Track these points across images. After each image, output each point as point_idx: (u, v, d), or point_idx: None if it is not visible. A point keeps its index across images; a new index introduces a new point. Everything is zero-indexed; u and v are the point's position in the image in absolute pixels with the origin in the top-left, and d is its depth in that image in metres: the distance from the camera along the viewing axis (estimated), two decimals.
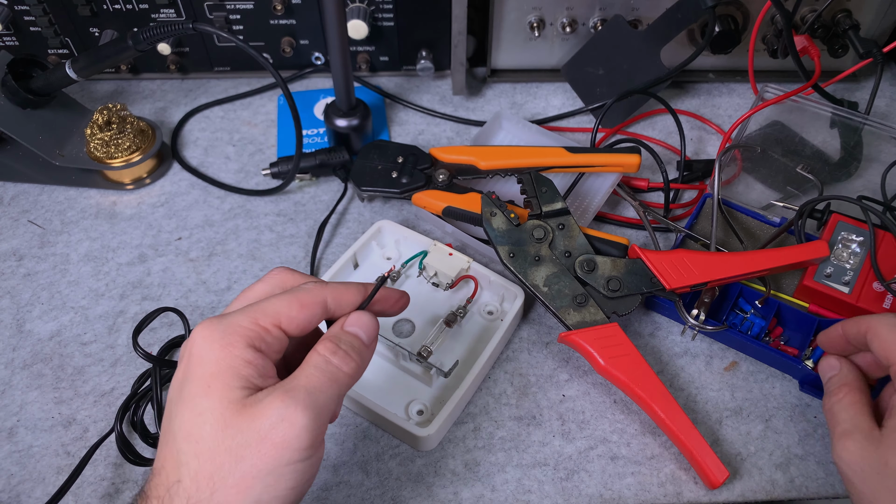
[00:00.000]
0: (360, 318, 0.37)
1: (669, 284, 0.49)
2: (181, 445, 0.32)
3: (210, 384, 0.32)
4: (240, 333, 0.33)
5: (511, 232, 0.52)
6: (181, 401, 0.33)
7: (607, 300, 0.49)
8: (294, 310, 0.35)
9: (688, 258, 0.49)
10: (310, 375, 0.33)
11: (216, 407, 0.32)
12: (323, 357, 0.34)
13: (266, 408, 0.31)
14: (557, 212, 0.53)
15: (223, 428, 0.31)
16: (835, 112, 0.62)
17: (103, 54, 0.57)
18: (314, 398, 0.32)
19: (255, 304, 0.35)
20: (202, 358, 0.33)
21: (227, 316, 0.34)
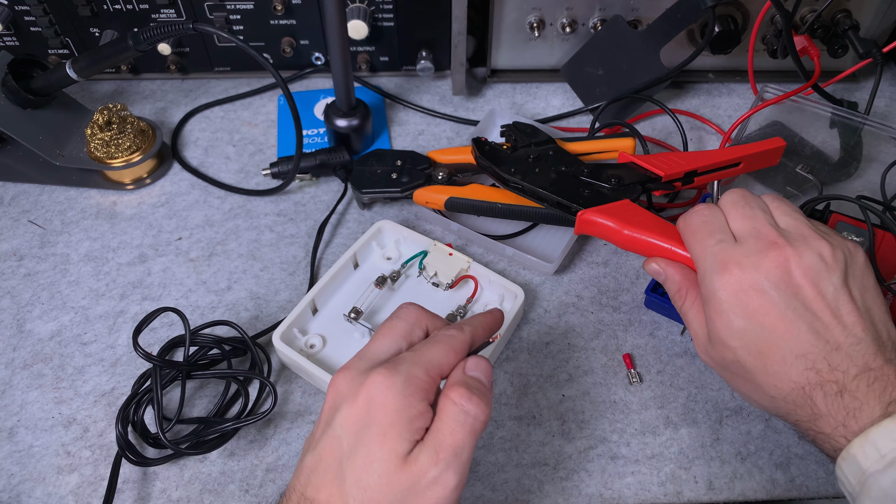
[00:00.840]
0: (478, 364, 0.38)
1: (664, 173, 0.52)
2: (350, 489, 0.34)
3: (386, 433, 0.34)
4: (418, 386, 0.35)
5: (507, 157, 0.55)
6: (359, 445, 0.34)
7: (613, 191, 0.51)
8: (451, 358, 0.37)
9: (672, 155, 0.54)
10: (453, 432, 0.35)
11: (385, 458, 0.34)
12: (459, 407, 0.35)
13: (422, 468, 0.34)
14: (545, 141, 0.56)
15: (388, 483, 0.33)
16: (834, 112, 0.62)
17: (104, 54, 0.57)
18: (459, 456, 0.35)
19: (419, 353, 0.37)
20: (385, 406, 0.34)
21: (402, 365, 0.36)
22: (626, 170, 0.53)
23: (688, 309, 0.43)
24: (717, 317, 0.39)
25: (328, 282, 0.53)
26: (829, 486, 0.46)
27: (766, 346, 0.38)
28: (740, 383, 0.41)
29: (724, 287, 0.39)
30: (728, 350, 0.39)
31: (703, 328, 0.42)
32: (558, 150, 0.56)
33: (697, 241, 0.42)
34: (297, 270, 0.58)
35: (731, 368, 0.40)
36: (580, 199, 0.51)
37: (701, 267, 0.41)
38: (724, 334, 0.39)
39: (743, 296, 0.39)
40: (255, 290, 0.57)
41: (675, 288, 0.44)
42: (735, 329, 0.39)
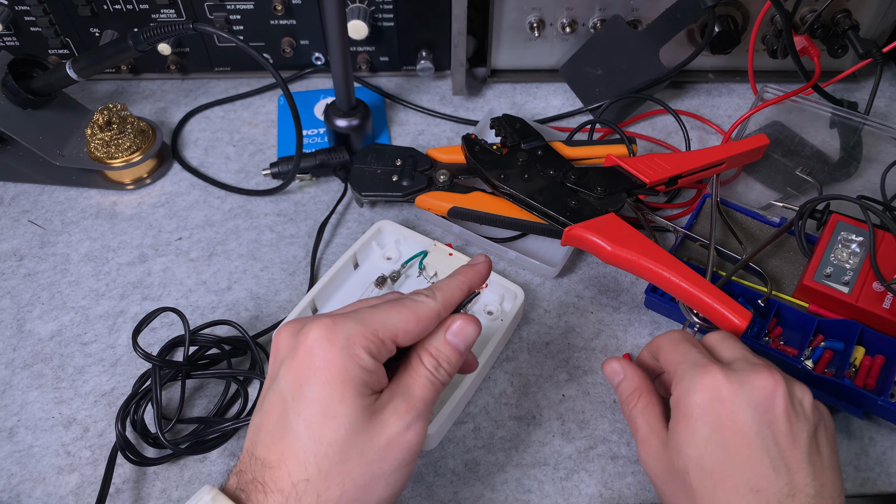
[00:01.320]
0: (461, 329, 0.38)
1: (648, 179, 0.53)
2: (308, 444, 0.33)
3: (343, 392, 0.34)
4: (362, 345, 0.35)
5: (496, 160, 0.56)
6: (303, 400, 0.34)
7: (598, 200, 0.53)
8: (411, 325, 0.36)
9: (658, 158, 0.54)
10: (423, 388, 0.36)
11: (351, 413, 0.34)
12: (429, 371, 0.37)
13: (391, 416, 0.35)
14: (534, 139, 0.57)
15: (357, 433, 0.34)
16: (834, 112, 0.62)
17: (104, 54, 0.57)
18: (428, 408, 0.36)
19: (372, 312, 0.36)
20: (327, 361, 0.34)
21: (344, 321, 0.35)
22: (612, 176, 0.54)
23: (637, 413, 0.42)
24: (684, 419, 0.38)
25: (328, 282, 0.53)
26: None
27: (722, 469, 0.36)
28: (676, 500, 0.39)
29: (702, 390, 0.37)
30: (680, 459, 0.37)
31: (654, 433, 0.40)
32: (548, 151, 0.57)
33: (678, 349, 0.41)
34: (297, 270, 0.58)
35: (674, 481, 0.38)
36: (567, 212, 0.52)
37: (680, 368, 0.39)
38: (683, 439, 0.37)
39: (717, 405, 0.37)
40: (255, 290, 0.57)
41: (630, 388, 0.43)
42: (697, 437, 0.37)
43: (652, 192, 0.55)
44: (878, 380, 0.48)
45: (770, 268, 0.55)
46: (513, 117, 0.59)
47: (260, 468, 0.34)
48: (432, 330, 0.38)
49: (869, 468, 0.47)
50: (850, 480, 0.46)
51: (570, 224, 0.51)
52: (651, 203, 0.62)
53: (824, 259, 0.51)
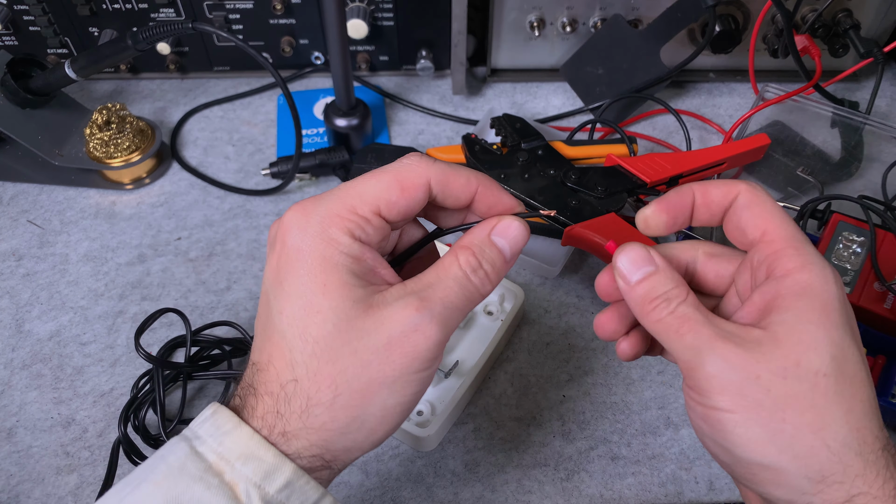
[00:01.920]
0: (510, 228, 0.32)
1: (649, 179, 0.53)
2: (294, 343, 0.29)
3: (325, 282, 0.29)
4: (339, 225, 0.30)
5: (497, 160, 0.56)
6: (285, 294, 0.30)
7: (599, 200, 0.52)
8: (394, 193, 0.31)
9: (658, 158, 0.54)
10: (448, 289, 0.30)
11: (338, 306, 0.29)
12: (463, 273, 0.31)
13: (397, 313, 0.29)
14: (535, 141, 0.56)
15: (347, 329, 0.29)
16: (835, 112, 0.62)
17: (103, 54, 0.57)
18: (449, 314, 0.30)
19: (348, 187, 0.31)
20: (301, 251, 0.30)
21: (318, 202, 0.31)
22: (612, 176, 0.54)
23: (693, 303, 0.31)
24: (821, 309, 0.29)
25: None
26: None
27: (862, 377, 0.29)
28: (793, 415, 0.29)
29: (837, 281, 0.30)
30: (813, 358, 0.28)
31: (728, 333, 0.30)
32: (548, 150, 0.56)
33: (786, 218, 0.32)
34: None
35: (778, 393, 0.28)
36: (567, 212, 0.52)
37: (799, 244, 0.30)
38: (820, 335, 0.29)
39: (845, 302, 0.30)
40: (254, 290, 0.56)
41: (671, 283, 0.31)
42: (840, 333, 0.29)
43: (653, 192, 0.55)
44: (880, 380, 0.48)
45: None
46: (513, 117, 0.59)
47: (253, 372, 0.31)
48: (473, 227, 0.33)
49: None
50: None
51: (570, 224, 0.51)
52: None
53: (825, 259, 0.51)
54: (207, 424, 0.30)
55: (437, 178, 0.32)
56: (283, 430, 0.29)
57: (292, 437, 0.29)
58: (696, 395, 0.30)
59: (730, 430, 0.29)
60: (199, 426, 0.30)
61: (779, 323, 0.29)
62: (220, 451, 0.29)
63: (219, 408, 0.31)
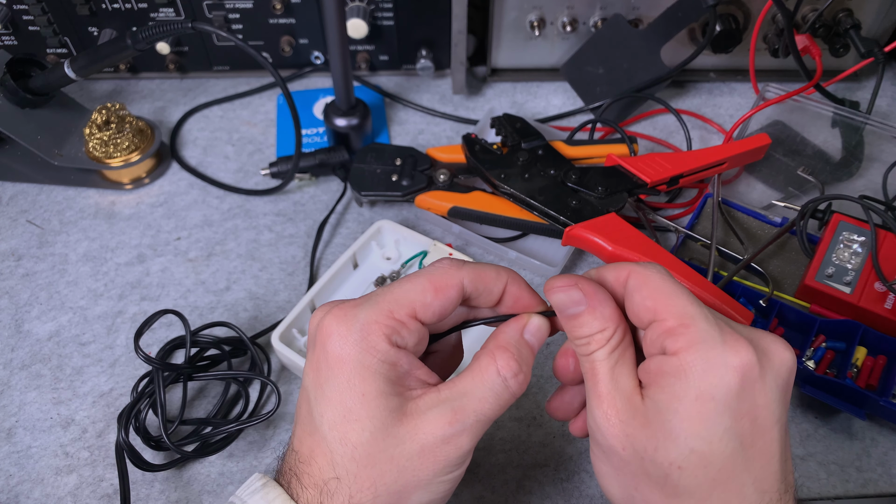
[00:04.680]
0: (540, 328, 0.33)
1: (650, 179, 0.53)
2: (334, 446, 0.31)
3: (363, 392, 0.31)
4: (378, 332, 0.31)
5: (497, 160, 0.56)
6: (326, 400, 0.31)
7: (599, 200, 0.52)
8: (429, 296, 0.32)
9: (659, 157, 0.54)
10: (483, 400, 0.31)
11: (375, 415, 0.30)
12: (502, 379, 0.31)
13: (429, 424, 0.31)
14: (535, 138, 0.57)
15: (383, 438, 0.30)
16: (836, 112, 0.62)
17: (102, 54, 0.57)
18: (481, 425, 0.31)
19: (384, 292, 0.32)
20: (342, 359, 0.31)
21: (360, 308, 0.32)
22: (613, 176, 0.54)
23: (602, 362, 0.31)
24: (697, 402, 0.28)
25: (327, 282, 0.53)
26: (829, 487, 0.46)
27: (731, 467, 0.29)
28: (636, 494, 0.31)
29: (736, 368, 0.28)
30: (673, 450, 0.29)
31: (624, 398, 0.30)
32: (548, 150, 0.57)
33: (679, 296, 0.30)
34: (296, 270, 0.58)
35: (644, 473, 0.30)
36: (568, 211, 0.52)
37: (694, 329, 0.29)
38: (688, 428, 0.29)
39: (749, 388, 0.29)
40: (253, 290, 0.56)
41: (599, 326, 0.31)
42: (713, 428, 0.28)
43: (653, 192, 0.55)
44: (880, 380, 0.48)
45: (771, 268, 0.54)
46: (513, 116, 0.59)
47: (295, 461, 0.33)
48: (503, 326, 0.33)
49: (871, 469, 0.47)
50: (851, 481, 0.46)
51: (570, 224, 0.51)
52: (652, 203, 0.61)
53: (826, 259, 0.51)
54: (258, 497, 0.32)
55: (469, 277, 0.33)
56: None
57: None
58: (589, 431, 0.33)
59: (599, 475, 0.33)
60: (249, 496, 0.32)
61: (652, 400, 0.30)
62: None
63: (269, 481, 0.32)
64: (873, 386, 0.48)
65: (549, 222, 0.53)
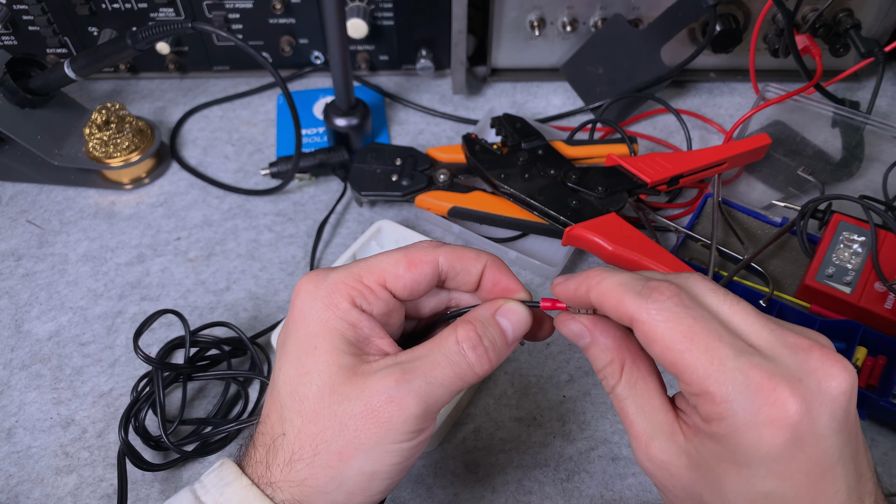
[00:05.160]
0: (515, 312, 0.32)
1: (650, 179, 0.53)
2: (284, 400, 0.31)
3: (316, 345, 0.31)
4: (342, 292, 0.31)
5: (497, 160, 0.56)
6: (285, 355, 0.32)
7: (599, 200, 0.53)
8: (401, 267, 0.32)
9: (659, 157, 0.55)
10: (435, 364, 0.30)
11: (323, 370, 0.30)
12: (458, 348, 0.31)
13: (377, 382, 0.30)
14: (535, 138, 0.57)
15: (329, 392, 0.30)
16: (836, 112, 0.62)
17: (102, 54, 0.57)
18: (431, 391, 0.30)
19: (361, 261, 0.33)
20: (304, 314, 0.31)
21: (331, 270, 0.32)
22: (613, 176, 0.54)
23: (625, 396, 0.30)
24: (735, 466, 0.27)
25: None
26: None
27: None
28: None
29: (773, 424, 0.25)
30: (717, 498, 0.27)
31: (658, 430, 0.29)
32: (548, 150, 0.57)
33: (700, 347, 0.27)
34: (296, 270, 0.58)
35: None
36: (568, 211, 0.52)
37: (724, 388, 0.26)
38: (728, 486, 0.27)
39: (794, 447, 0.25)
40: (253, 290, 0.56)
41: (607, 359, 0.31)
42: (754, 490, 0.26)
43: (653, 192, 0.55)
44: (881, 380, 0.48)
45: (772, 268, 0.54)
46: (513, 116, 0.59)
47: (257, 423, 0.33)
48: (478, 306, 0.33)
49: None
50: None
51: (570, 224, 0.51)
52: (652, 203, 0.61)
53: (826, 259, 0.51)
54: (213, 475, 0.32)
55: (446, 255, 0.33)
56: (269, 480, 0.31)
57: (277, 488, 0.31)
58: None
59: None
60: (206, 476, 0.33)
61: (693, 445, 0.28)
62: (220, 501, 0.31)
63: (226, 461, 0.33)
64: (873, 386, 0.48)
65: (549, 222, 0.53)
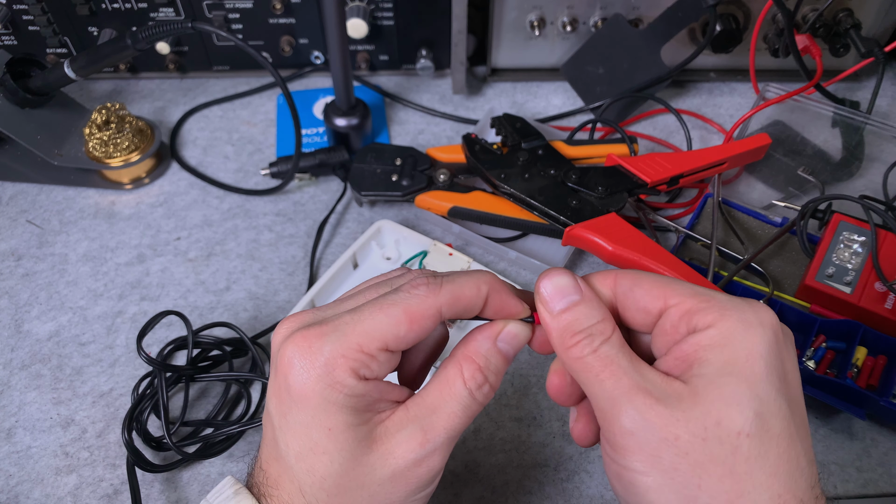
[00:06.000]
0: (515, 335, 0.32)
1: (650, 179, 0.53)
2: (301, 476, 0.30)
3: (330, 426, 0.29)
4: (344, 367, 0.29)
5: (497, 160, 0.56)
6: (290, 431, 0.30)
7: (599, 200, 0.53)
8: (403, 329, 0.30)
9: (659, 157, 0.55)
10: (452, 415, 0.30)
11: (343, 447, 0.29)
12: (468, 391, 0.30)
13: (401, 447, 0.30)
14: (535, 138, 0.57)
15: (353, 468, 0.30)
16: (836, 111, 0.62)
17: (102, 53, 0.57)
18: (452, 440, 0.30)
19: (354, 320, 0.30)
20: (305, 393, 0.29)
21: (325, 339, 0.29)
22: (613, 175, 0.54)
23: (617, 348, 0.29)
24: (741, 368, 0.27)
25: (327, 282, 0.53)
26: (829, 487, 0.46)
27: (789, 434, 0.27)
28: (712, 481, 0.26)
29: (761, 326, 0.28)
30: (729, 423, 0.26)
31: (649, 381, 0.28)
32: (548, 150, 0.57)
33: (670, 282, 0.30)
34: (296, 270, 0.58)
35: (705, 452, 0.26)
36: (568, 211, 0.52)
37: (705, 301, 0.28)
38: (738, 399, 0.27)
39: (776, 351, 0.28)
40: (253, 290, 0.56)
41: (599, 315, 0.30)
42: (764, 395, 0.27)
43: (653, 192, 0.55)
44: (881, 380, 0.48)
45: (772, 268, 0.54)
46: (513, 116, 0.59)
47: (264, 480, 0.32)
48: (476, 331, 0.32)
49: (871, 469, 0.47)
50: (851, 481, 0.46)
51: (570, 224, 0.51)
52: (652, 203, 0.61)
53: (826, 259, 0.51)
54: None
55: (447, 302, 0.31)
56: None
57: None
58: (611, 450, 0.28)
59: (642, 492, 0.27)
60: (221, 503, 0.32)
61: (699, 376, 0.27)
62: None
63: (241, 489, 0.32)
64: (873, 386, 0.48)
65: (549, 222, 0.53)
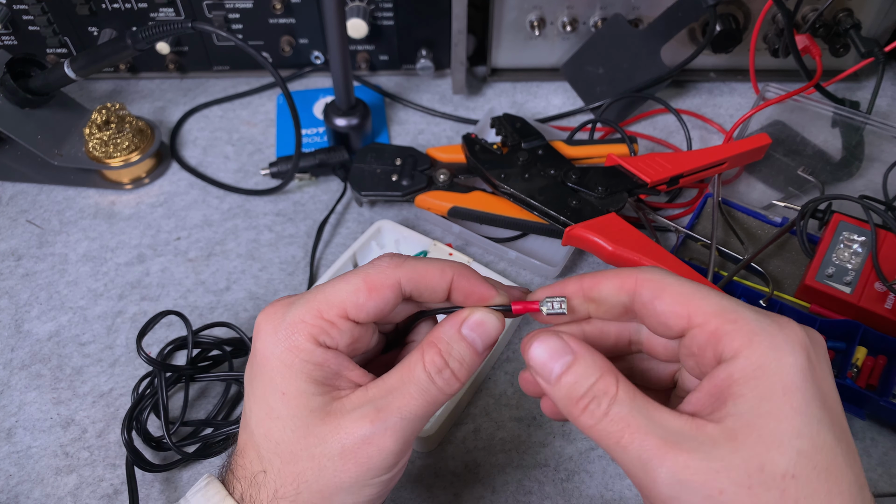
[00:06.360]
0: (481, 323, 0.31)
1: (650, 179, 0.53)
2: (259, 441, 0.31)
3: (284, 391, 0.30)
4: (303, 332, 0.30)
5: (497, 160, 0.56)
6: (253, 397, 0.32)
7: (599, 200, 0.53)
8: (362, 296, 0.31)
9: (659, 157, 0.55)
10: (408, 397, 0.30)
11: (295, 414, 0.30)
12: (427, 376, 0.30)
13: (351, 424, 0.30)
14: (535, 138, 0.57)
15: (304, 436, 0.30)
16: (836, 112, 0.62)
17: (102, 53, 0.57)
18: (406, 425, 0.30)
19: (319, 289, 0.31)
20: (266, 358, 0.31)
21: (290, 306, 0.31)
22: (613, 175, 0.54)
23: (628, 405, 0.27)
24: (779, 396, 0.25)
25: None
26: None
27: (838, 462, 0.25)
28: None
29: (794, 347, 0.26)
30: (780, 457, 0.25)
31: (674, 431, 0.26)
32: (548, 150, 0.57)
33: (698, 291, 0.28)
34: (296, 270, 0.58)
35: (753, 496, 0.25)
36: (568, 211, 0.52)
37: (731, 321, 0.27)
38: (783, 429, 0.25)
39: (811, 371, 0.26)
40: (253, 290, 0.56)
41: (596, 373, 0.28)
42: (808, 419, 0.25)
43: (653, 192, 0.55)
44: (880, 380, 0.48)
45: (772, 268, 0.54)
46: (513, 116, 0.59)
47: (234, 452, 0.34)
48: (444, 320, 0.32)
49: (871, 469, 0.47)
50: None
51: (570, 224, 0.51)
52: (652, 203, 0.61)
53: (826, 259, 0.51)
54: (199, 495, 0.32)
55: (407, 276, 0.31)
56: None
57: None
58: None
59: None
60: (192, 494, 0.33)
61: (734, 416, 0.26)
62: None
63: (212, 480, 0.33)
64: (873, 386, 0.48)
65: (549, 222, 0.53)
